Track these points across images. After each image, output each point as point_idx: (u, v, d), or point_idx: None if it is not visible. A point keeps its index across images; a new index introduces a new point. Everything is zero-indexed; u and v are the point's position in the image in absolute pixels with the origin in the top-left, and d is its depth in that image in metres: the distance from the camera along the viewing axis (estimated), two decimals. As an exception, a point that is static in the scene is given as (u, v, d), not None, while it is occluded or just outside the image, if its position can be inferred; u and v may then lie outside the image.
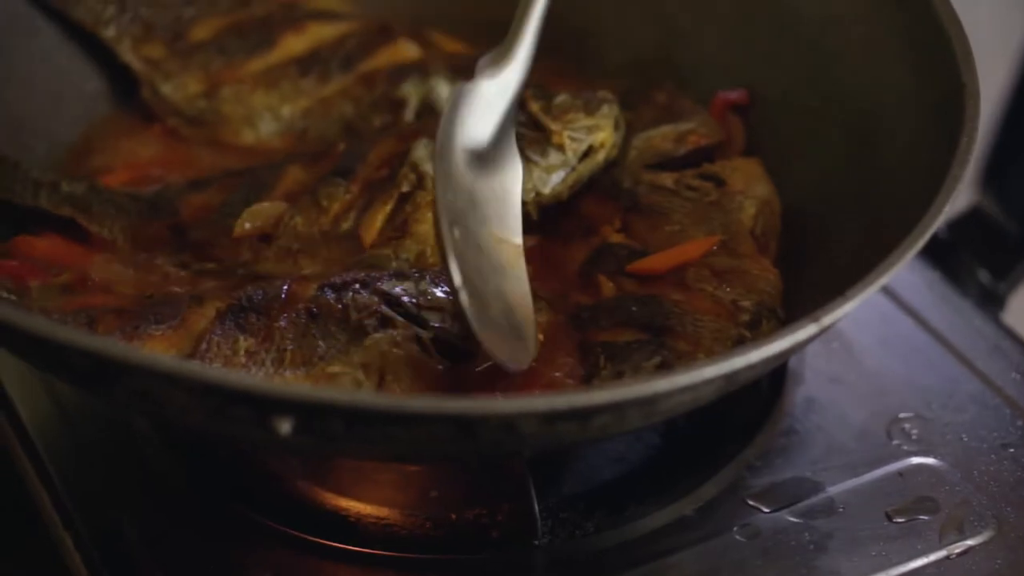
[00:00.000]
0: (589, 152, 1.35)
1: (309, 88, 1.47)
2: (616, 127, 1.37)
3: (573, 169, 1.35)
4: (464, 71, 1.45)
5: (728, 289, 1.26)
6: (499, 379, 1.20)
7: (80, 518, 1.23)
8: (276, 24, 1.51)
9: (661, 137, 1.39)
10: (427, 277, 1.23)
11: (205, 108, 1.47)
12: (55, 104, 1.47)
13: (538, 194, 1.33)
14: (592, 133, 1.35)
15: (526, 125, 1.34)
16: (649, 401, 1.03)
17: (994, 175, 1.67)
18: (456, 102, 1.25)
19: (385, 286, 1.21)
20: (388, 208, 1.30)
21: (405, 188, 1.31)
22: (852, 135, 1.35)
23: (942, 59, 1.26)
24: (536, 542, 1.22)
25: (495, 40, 1.49)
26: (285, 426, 0.99)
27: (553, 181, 1.34)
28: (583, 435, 1.07)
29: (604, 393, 1.02)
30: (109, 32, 1.49)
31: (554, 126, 1.34)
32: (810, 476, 1.27)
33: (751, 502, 1.25)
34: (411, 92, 1.46)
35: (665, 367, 1.19)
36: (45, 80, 1.47)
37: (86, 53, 1.50)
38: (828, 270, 1.27)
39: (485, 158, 1.26)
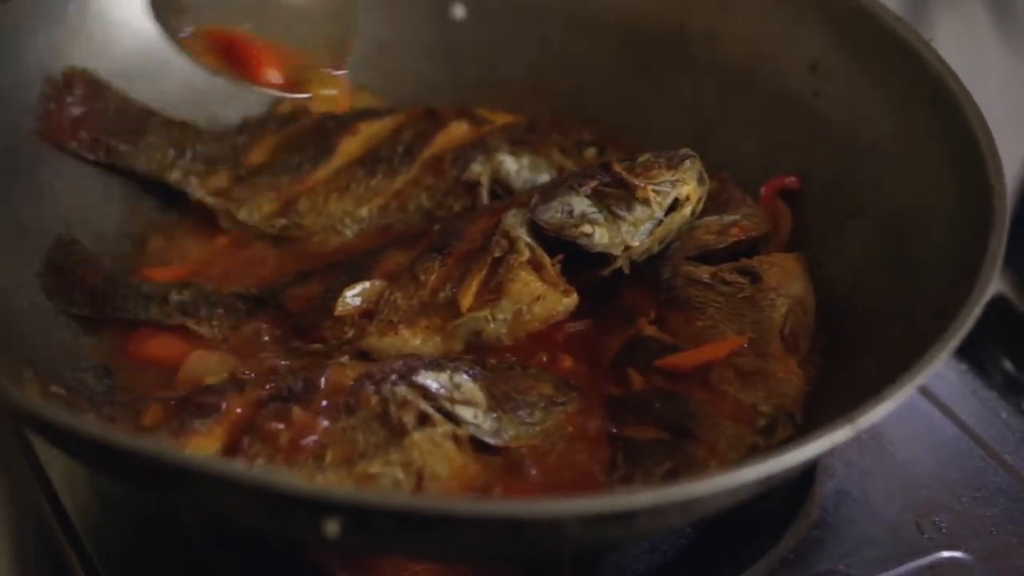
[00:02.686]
0: (675, 206, 1.38)
1: (379, 186, 1.50)
2: (700, 181, 1.39)
3: (660, 222, 1.37)
4: (523, 142, 1.52)
5: (750, 392, 1.28)
6: (531, 476, 1.23)
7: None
8: (329, 131, 1.54)
9: (704, 229, 1.41)
10: (461, 368, 1.26)
11: (287, 224, 1.50)
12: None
13: (628, 247, 1.36)
14: (676, 187, 1.37)
15: (611, 184, 1.37)
16: (690, 504, 1.06)
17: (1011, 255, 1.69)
18: None
19: (421, 378, 1.23)
20: (483, 274, 1.34)
21: (497, 253, 1.34)
22: (885, 231, 1.38)
23: (971, 160, 1.30)
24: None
25: (529, 106, 1.58)
26: (334, 528, 1.02)
27: (641, 234, 1.36)
28: (626, 535, 1.10)
29: (646, 496, 1.05)
30: (174, 175, 1.50)
31: (638, 182, 1.36)
32: (843, 569, 1.29)
33: (784, 597, 1.27)
34: (480, 171, 1.50)
35: (673, 474, 1.21)
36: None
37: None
38: (861, 365, 1.29)
39: None
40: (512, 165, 1.50)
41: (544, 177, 1.50)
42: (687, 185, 1.38)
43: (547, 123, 1.55)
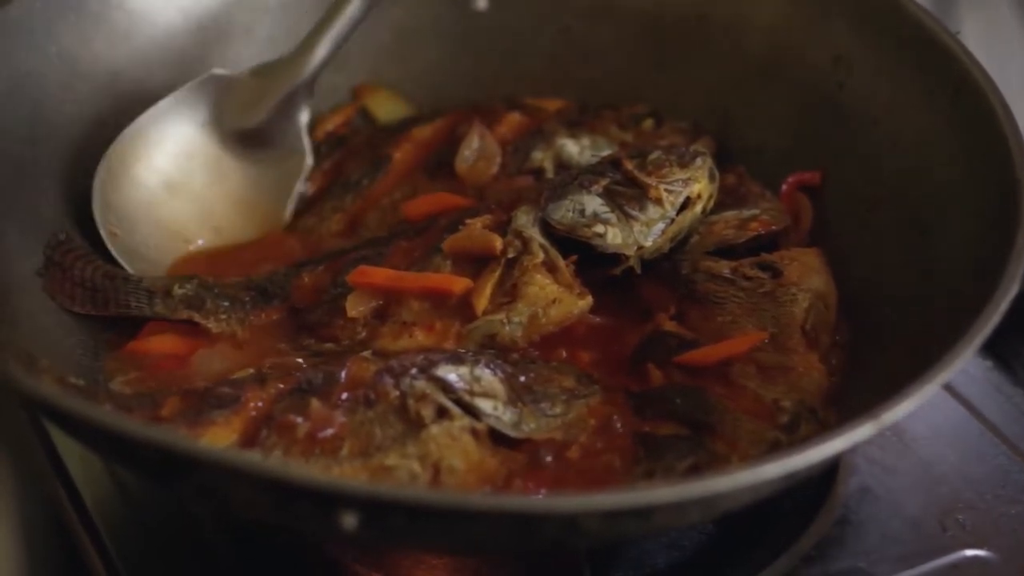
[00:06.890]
0: (687, 204, 1.37)
1: (446, 188, 1.49)
2: (711, 178, 1.38)
3: (672, 221, 1.36)
4: (579, 124, 1.52)
5: (771, 387, 1.27)
6: (552, 469, 1.21)
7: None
8: (381, 143, 1.54)
9: (724, 223, 1.41)
10: (482, 361, 1.25)
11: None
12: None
13: (640, 247, 1.35)
14: (688, 185, 1.36)
15: (622, 183, 1.36)
16: (710, 500, 1.05)
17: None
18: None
19: (441, 372, 1.22)
20: (497, 275, 1.32)
21: (511, 254, 1.33)
22: (908, 225, 1.36)
23: (996, 153, 1.28)
24: (589, 627, 1.23)
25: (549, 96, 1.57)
26: (350, 521, 1.01)
27: (653, 234, 1.35)
28: (643, 530, 1.09)
29: (665, 492, 1.04)
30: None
31: (650, 181, 1.36)
32: (865, 567, 1.27)
33: (806, 593, 1.26)
34: (542, 158, 1.50)
35: (695, 470, 1.20)
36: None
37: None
38: (884, 361, 1.28)
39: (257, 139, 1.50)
40: (573, 148, 1.51)
41: (607, 153, 1.47)
42: (698, 183, 1.37)
43: (596, 103, 1.55)
